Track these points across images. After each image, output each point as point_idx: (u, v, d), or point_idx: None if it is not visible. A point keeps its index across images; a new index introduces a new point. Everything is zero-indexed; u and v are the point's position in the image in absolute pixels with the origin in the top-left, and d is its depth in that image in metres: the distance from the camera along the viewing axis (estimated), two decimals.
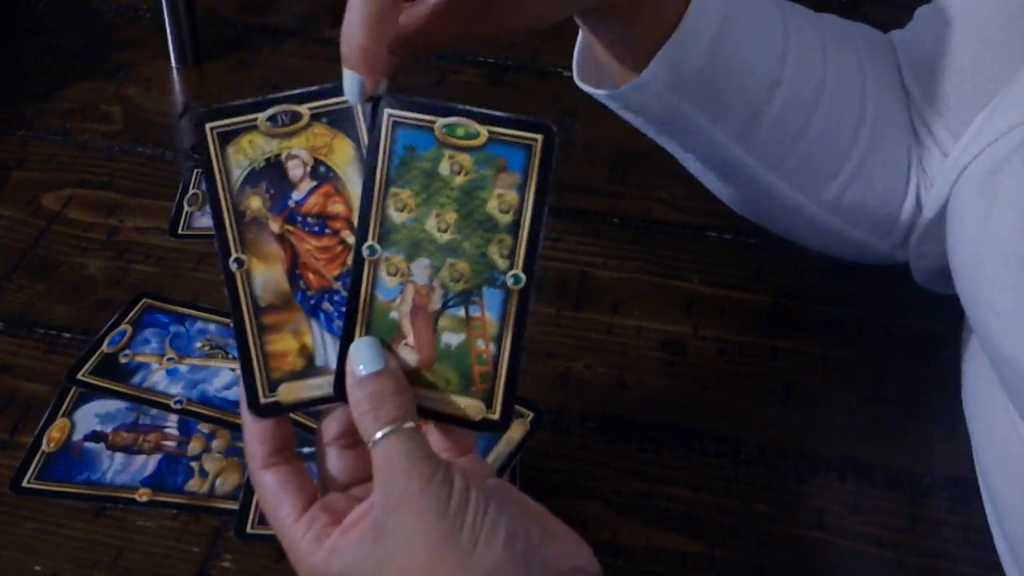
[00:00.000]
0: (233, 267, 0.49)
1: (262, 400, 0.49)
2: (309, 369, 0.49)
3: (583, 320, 0.75)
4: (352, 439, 0.51)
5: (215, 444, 0.67)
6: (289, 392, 0.50)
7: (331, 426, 0.51)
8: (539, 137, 0.47)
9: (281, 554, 0.61)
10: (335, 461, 0.51)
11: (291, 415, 0.50)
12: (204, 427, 0.68)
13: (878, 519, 0.64)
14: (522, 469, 0.65)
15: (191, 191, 0.85)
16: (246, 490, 0.64)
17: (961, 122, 0.63)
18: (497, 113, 0.47)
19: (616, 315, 0.76)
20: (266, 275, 0.49)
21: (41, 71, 0.97)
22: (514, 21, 0.54)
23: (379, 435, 0.46)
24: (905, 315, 0.76)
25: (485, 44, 0.56)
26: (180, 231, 0.82)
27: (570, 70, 0.64)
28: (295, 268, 0.49)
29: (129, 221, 0.83)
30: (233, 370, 0.71)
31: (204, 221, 0.83)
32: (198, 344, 0.73)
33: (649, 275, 0.79)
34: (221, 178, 0.49)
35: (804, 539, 0.63)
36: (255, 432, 0.50)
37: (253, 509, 0.63)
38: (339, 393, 0.48)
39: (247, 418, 0.50)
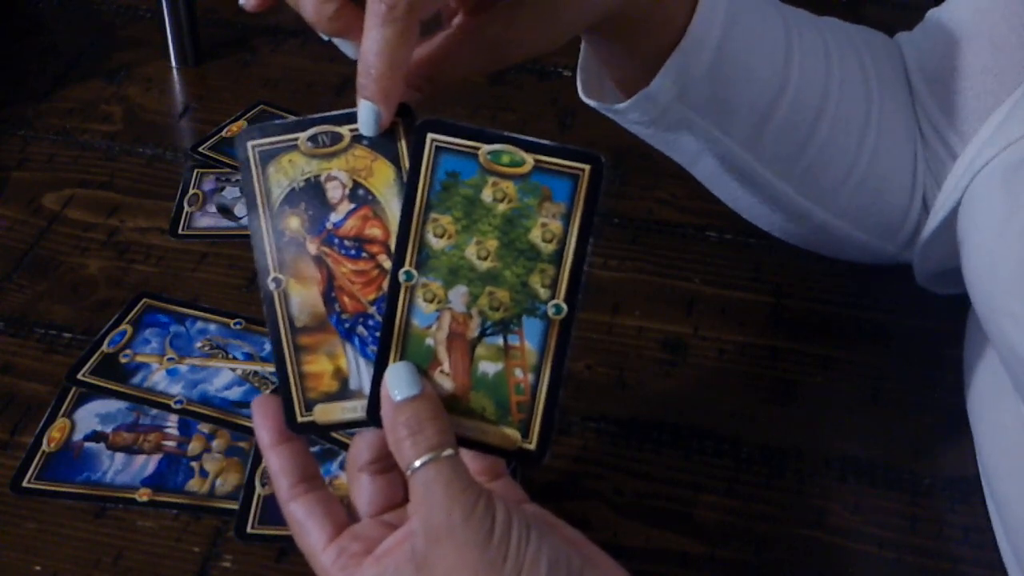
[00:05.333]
0: (271, 287, 0.49)
1: (299, 419, 0.50)
2: (343, 392, 0.49)
3: (583, 320, 0.75)
4: (383, 464, 0.51)
5: (215, 444, 0.67)
6: (324, 413, 0.50)
7: (362, 452, 0.51)
8: (586, 167, 0.46)
9: (281, 554, 0.62)
10: (367, 487, 0.51)
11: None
12: (204, 427, 0.68)
13: (878, 519, 0.64)
14: (521, 470, 0.65)
15: (191, 191, 0.85)
16: (246, 490, 0.64)
17: (971, 124, 0.63)
18: (544, 142, 0.47)
19: (616, 315, 0.76)
20: (303, 296, 0.49)
21: (41, 71, 0.97)
22: (526, 46, 0.53)
23: (418, 463, 0.45)
24: (905, 315, 0.76)
25: (499, 69, 0.56)
26: (180, 231, 0.82)
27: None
28: (331, 291, 0.49)
29: (129, 221, 0.83)
30: (233, 370, 0.71)
31: (204, 221, 0.83)
32: (198, 344, 0.73)
33: (649, 275, 0.79)
34: (262, 197, 0.49)
35: (804, 539, 0.63)
36: (277, 467, 0.50)
37: (253, 509, 0.63)
38: (372, 417, 0.48)
39: (268, 456, 0.50)
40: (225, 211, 0.83)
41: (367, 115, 0.47)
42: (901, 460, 0.67)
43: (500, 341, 0.48)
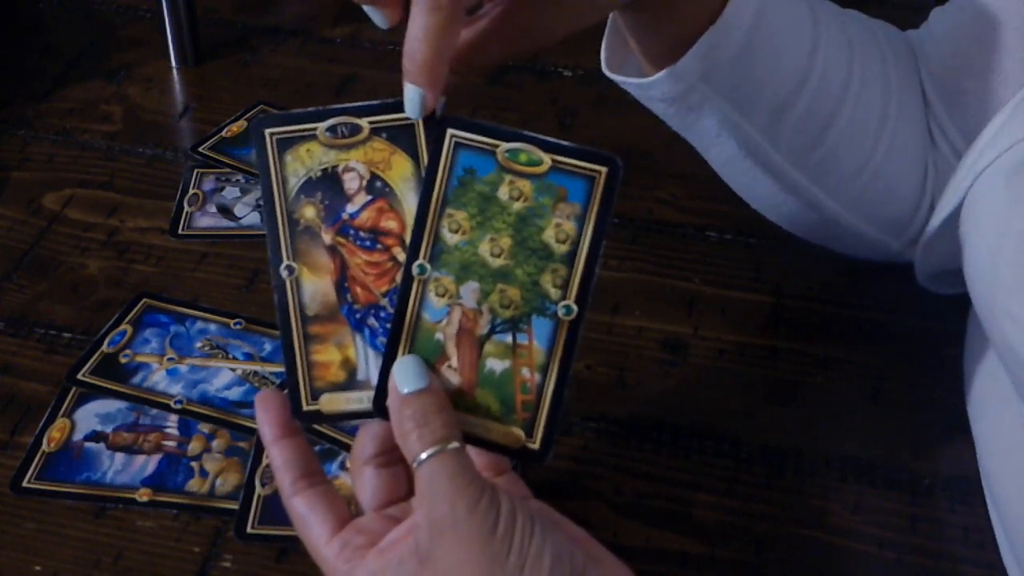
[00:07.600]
0: (284, 274, 0.49)
1: (304, 407, 0.50)
2: (351, 382, 0.50)
3: None
4: (388, 458, 0.51)
5: (215, 444, 0.67)
6: (330, 403, 0.50)
7: (367, 445, 0.51)
8: (603, 169, 0.47)
9: (281, 554, 0.62)
10: (371, 480, 0.51)
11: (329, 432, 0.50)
12: (204, 427, 0.68)
13: (878, 519, 0.64)
14: (523, 468, 0.65)
15: (191, 191, 0.85)
16: (246, 490, 0.64)
17: (975, 124, 0.63)
18: (563, 142, 0.47)
19: (616, 315, 0.76)
20: (315, 285, 0.49)
21: (41, 71, 0.97)
22: (564, 27, 0.54)
23: (424, 455, 0.46)
24: (905, 315, 0.76)
25: (538, 52, 0.56)
26: (180, 231, 0.82)
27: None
28: (344, 281, 0.49)
29: (129, 221, 0.83)
30: (233, 370, 0.71)
31: (204, 221, 0.83)
32: (198, 344, 0.73)
33: (649, 275, 0.79)
34: (277, 185, 0.49)
35: (804, 539, 0.63)
36: (280, 462, 0.50)
37: (253, 509, 0.63)
38: (379, 409, 0.48)
39: (271, 450, 0.51)
40: (225, 211, 0.83)
41: (413, 98, 0.47)
42: (901, 460, 0.67)
43: (509, 339, 0.48)
